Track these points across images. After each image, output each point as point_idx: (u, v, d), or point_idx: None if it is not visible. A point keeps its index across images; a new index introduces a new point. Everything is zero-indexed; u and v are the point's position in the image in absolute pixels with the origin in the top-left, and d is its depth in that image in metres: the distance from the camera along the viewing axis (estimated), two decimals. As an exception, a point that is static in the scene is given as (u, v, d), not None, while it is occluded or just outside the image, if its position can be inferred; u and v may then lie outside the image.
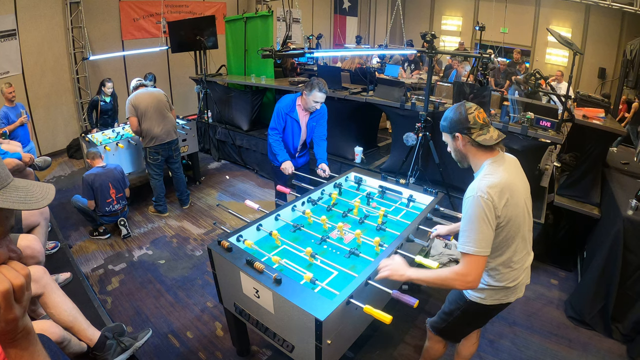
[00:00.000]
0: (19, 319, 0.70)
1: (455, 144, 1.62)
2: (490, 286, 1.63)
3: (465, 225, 1.47)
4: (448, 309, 1.83)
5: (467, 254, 1.45)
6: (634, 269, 2.45)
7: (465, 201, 1.50)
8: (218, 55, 6.52)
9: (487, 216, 1.43)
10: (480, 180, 1.50)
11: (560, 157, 4.02)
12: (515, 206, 1.50)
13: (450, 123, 1.59)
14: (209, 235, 3.83)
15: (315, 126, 3.26)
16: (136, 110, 3.74)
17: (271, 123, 3.19)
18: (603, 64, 8.23)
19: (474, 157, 1.59)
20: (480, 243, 1.43)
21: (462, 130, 1.55)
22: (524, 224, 1.58)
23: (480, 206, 1.43)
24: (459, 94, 3.56)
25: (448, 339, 1.93)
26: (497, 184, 1.46)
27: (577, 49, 3.31)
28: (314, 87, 2.95)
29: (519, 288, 1.67)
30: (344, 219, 2.40)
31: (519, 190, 1.54)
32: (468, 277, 1.44)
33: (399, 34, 10.67)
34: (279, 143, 3.19)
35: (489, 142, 1.52)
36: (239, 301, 1.93)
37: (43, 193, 0.75)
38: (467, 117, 1.54)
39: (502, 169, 1.53)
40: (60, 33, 6.00)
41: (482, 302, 1.66)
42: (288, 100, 3.16)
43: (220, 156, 5.97)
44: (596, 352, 2.45)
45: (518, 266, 1.61)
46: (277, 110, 3.15)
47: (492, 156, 1.56)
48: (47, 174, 5.36)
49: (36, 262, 2.06)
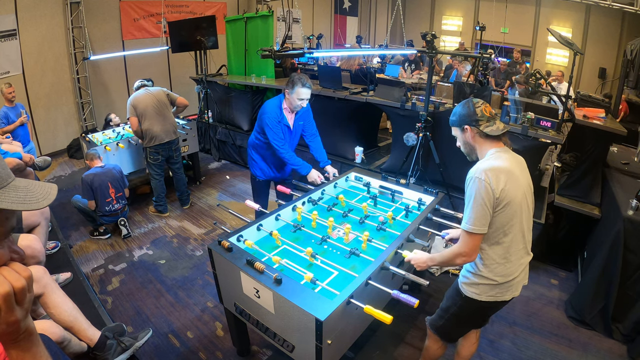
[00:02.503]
0: (20, 321, 0.69)
1: (464, 136, 1.73)
2: (485, 278, 1.67)
3: (466, 203, 1.60)
4: (445, 305, 1.87)
5: (464, 232, 1.59)
6: (634, 269, 2.45)
7: (466, 182, 1.62)
8: (218, 55, 6.52)
9: (484, 197, 1.54)
10: (481, 163, 1.63)
11: (561, 157, 4.02)
12: (515, 192, 1.57)
13: (459, 117, 1.71)
14: (209, 235, 3.83)
15: (303, 124, 3.01)
16: (135, 110, 3.75)
17: (272, 136, 2.79)
18: (603, 64, 8.22)
19: (481, 147, 1.71)
20: (476, 222, 1.55)
21: (470, 122, 1.68)
22: (523, 216, 1.63)
23: (477, 187, 1.55)
24: (459, 94, 3.56)
25: (444, 339, 1.93)
26: (496, 167, 1.57)
27: (578, 49, 3.30)
28: (296, 84, 2.67)
29: (514, 286, 1.70)
30: (344, 219, 2.41)
31: (520, 181, 1.62)
32: (463, 252, 1.60)
33: (399, 34, 10.67)
34: (294, 155, 2.89)
35: (495, 132, 1.65)
36: (239, 301, 1.93)
37: (44, 193, 0.74)
38: (474, 111, 1.67)
39: (504, 158, 1.63)
40: (61, 33, 6.00)
41: (477, 298, 1.70)
42: (273, 107, 2.82)
43: (221, 156, 5.97)
44: (596, 352, 2.45)
45: (514, 259, 1.65)
46: (271, 121, 2.78)
47: (497, 146, 1.68)
48: (47, 174, 5.36)
49: (36, 262, 2.06)
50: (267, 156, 3.02)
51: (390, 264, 1.81)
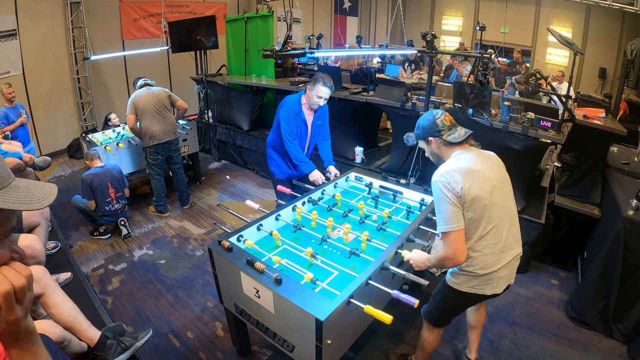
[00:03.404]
0: (20, 320, 0.69)
1: (430, 147, 1.86)
2: (463, 271, 1.74)
3: (435, 209, 1.68)
4: (435, 291, 1.98)
5: (444, 233, 1.63)
6: (634, 269, 2.45)
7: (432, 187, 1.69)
8: (218, 55, 6.52)
9: (447, 195, 1.61)
10: (440, 167, 1.73)
11: (561, 157, 4.02)
12: (479, 188, 1.63)
13: (423, 130, 1.84)
14: (209, 235, 3.83)
15: (320, 125, 3.09)
16: (136, 109, 3.78)
17: (284, 128, 2.85)
18: (603, 64, 8.22)
19: (446, 154, 1.81)
20: (450, 220, 1.61)
21: (433, 134, 1.80)
22: (494, 210, 1.66)
23: (439, 188, 1.64)
24: (459, 94, 3.56)
25: (433, 324, 1.99)
26: (453, 169, 1.66)
27: (578, 49, 3.30)
28: (317, 81, 2.78)
29: (494, 280, 1.73)
30: (344, 218, 2.40)
31: (486, 176, 1.68)
32: (450, 254, 1.62)
33: (399, 34, 10.65)
34: (300, 151, 2.93)
35: (457, 139, 1.76)
36: (239, 301, 1.93)
37: (44, 193, 0.74)
38: (435, 122, 1.79)
39: (465, 157, 1.72)
40: (61, 33, 6.00)
41: (457, 288, 1.79)
42: (293, 100, 2.92)
43: (221, 156, 5.97)
44: (596, 352, 2.45)
45: (489, 252, 1.69)
46: (286, 113, 2.86)
47: (461, 148, 1.78)
48: (47, 174, 5.36)
49: (36, 262, 2.06)
50: (285, 154, 3.04)
51: (390, 264, 1.81)
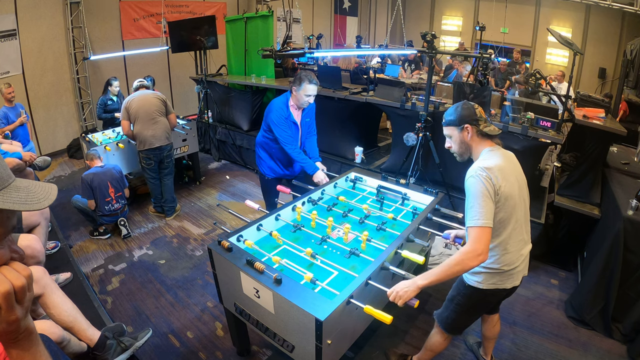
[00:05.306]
0: (20, 319, 0.69)
1: (462, 135, 1.79)
2: (486, 268, 1.73)
3: (469, 202, 1.61)
4: (451, 295, 1.93)
5: (474, 228, 1.57)
6: (634, 269, 2.45)
7: (466, 182, 1.65)
8: (218, 55, 6.52)
9: (488, 190, 1.59)
10: (478, 162, 1.70)
11: (561, 157, 4.02)
12: (511, 187, 1.66)
13: (460, 116, 1.77)
14: (209, 235, 3.83)
15: (309, 122, 3.04)
16: (128, 113, 3.73)
17: (279, 133, 2.82)
18: (603, 64, 8.22)
19: (477, 147, 1.78)
20: (484, 215, 1.56)
21: (471, 121, 1.75)
22: (519, 209, 1.71)
23: (480, 182, 1.60)
24: (459, 94, 3.56)
25: (448, 330, 1.95)
26: (494, 165, 1.64)
27: (578, 49, 3.31)
28: (303, 81, 2.71)
29: (515, 275, 1.76)
30: (344, 218, 2.41)
31: (513, 177, 1.70)
32: (478, 250, 1.53)
33: (399, 34, 10.65)
34: (301, 152, 2.91)
35: (493, 132, 1.76)
36: (239, 301, 1.93)
37: (45, 193, 0.74)
38: (475, 111, 1.76)
39: (498, 155, 1.72)
40: (61, 33, 6.00)
41: (479, 286, 1.76)
42: (280, 104, 2.85)
43: (221, 156, 5.97)
44: (596, 352, 2.45)
45: (513, 249, 1.72)
46: (276, 119, 2.81)
47: (491, 145, 1.77)
48: (47, 174, 5.36)
49: (36, 262, 2.06)
50: (275, 154, 3.03)
51: (390, 264, 1.81)
